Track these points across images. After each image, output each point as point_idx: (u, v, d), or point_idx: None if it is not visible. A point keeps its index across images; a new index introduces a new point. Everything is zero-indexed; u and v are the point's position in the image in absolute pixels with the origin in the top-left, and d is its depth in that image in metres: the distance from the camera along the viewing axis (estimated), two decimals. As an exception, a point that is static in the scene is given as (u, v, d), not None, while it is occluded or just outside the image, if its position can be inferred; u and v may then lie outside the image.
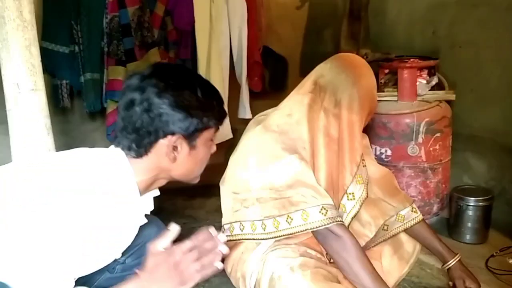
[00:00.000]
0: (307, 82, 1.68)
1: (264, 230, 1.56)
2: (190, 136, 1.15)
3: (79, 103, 2.77)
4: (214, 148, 1.29)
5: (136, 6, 2.57)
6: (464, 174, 2.55)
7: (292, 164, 1.53)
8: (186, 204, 2.75)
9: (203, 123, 1.15)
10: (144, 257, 1.35)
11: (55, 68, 2.50)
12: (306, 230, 1.48)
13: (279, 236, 1.53)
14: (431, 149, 2.21)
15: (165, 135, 1.11)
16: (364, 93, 1.62)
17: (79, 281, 1.13)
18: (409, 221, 1.71)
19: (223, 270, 1.71)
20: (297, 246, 1.59)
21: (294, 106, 1.64)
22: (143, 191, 1.19)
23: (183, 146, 1.15)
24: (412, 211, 1.73)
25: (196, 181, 1.29)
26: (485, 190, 2.23)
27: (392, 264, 1.73)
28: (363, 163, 1.68)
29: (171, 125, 1.10)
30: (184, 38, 2.84)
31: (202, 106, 1.14)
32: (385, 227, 1.72)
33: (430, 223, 2.32)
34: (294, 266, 1.48)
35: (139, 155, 1.13)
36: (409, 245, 1.79)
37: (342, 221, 1.52)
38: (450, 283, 1.68)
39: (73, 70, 2.53)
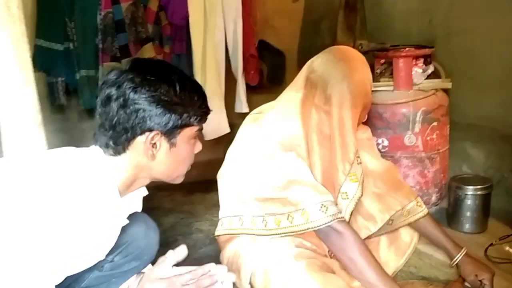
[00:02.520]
0: (300, 77, 1.65)
1: (265, 226, 1.54)
2: (169, 133, 1.11)
3: (77, 101, 2.77)
4: (199, 147, 1.23)
5: (130, 2, 2.59)
6: (463, 163, 2.52)
7: (289, 162, 1.51)
8: (185, 200, 2.75)
9: (183, 119, 1.11)
10: (132, 255, 1.36)
11: (50, 65, 2.53)
12: (307, 229, 1.46)
13: (280, 234, 1.51)
14: (428, 138, 2.19)
15: (142, 132, 1.08)
16: (356, 89, 1.57)
17: (67, 280, 1.13)
18: (413, 216, 1.70)
19: (220, 263, 1.72)
20: (292, 237, 1.57)
21: (288, 103, 1.61)
22: (124, 190, 1.15)
23: (162, 143, 1.12)
24: (417, 205, 1.72)
25: (179, 181, 1.25)
26: (484, 179, 2.20)
27: (389, 255, 1.73)
28: (357, 160, 1.63)
29: (148, 121, 1.07)
30: (178, 33, 2.83)
31: (181, 101, 1.10)
32: (390, 222, 1.70)
33: (429, 213, 2.32)
34: (289, 257, 1.48)
35: (117, 152, 1.10)
36: (407, 235, 1.78)
37: (343, 217, 1.50)
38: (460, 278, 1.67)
39: (68, 67, 2.56)
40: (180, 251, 1.17)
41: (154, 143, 1.10)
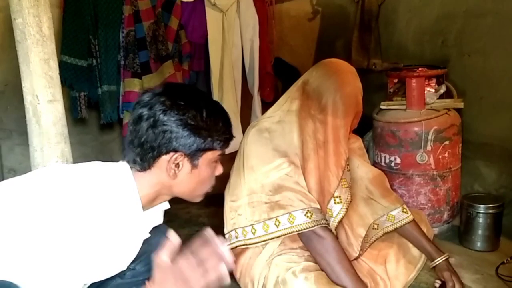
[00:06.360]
0: (294, 89, 1.75)
1: (254, 234, 1.62)
2: (192, 155, 1.16)
3: (97, 115, 2.86)
4: (220, 170, 1.29)
5: (151, 21, 2.67)
6: (475, 181, 2.55)
7: (281, 168, 1.60)
8: (200, 213, 2.80)
9: (207, 143, 1.17)
10: (152, 266, 1.41)
11: (73, 80, 2.58)
12: (292, 232, 1.55)
13: (269, 239, 1.60)
14: (440, 157, 2.23)
15: (167, 152, 1.14)
16: (349, 99, 1.68)
17: (91, 287, 1.19)
18: (399, 221, 1.76)
19: (233, 276, 1.77)
20: (302, 250, 1.64)
21: (284, 112, 1.71)
22: (147, 205, 1.21)
23: (185, 164, 1.17)
24: (402, 211, 1.78)
25: (198, 200, 1.30)
26: (496, 198, 2.23)
27: (398, 269, 1.77)
28: (347, 167, 1.74)
29: (174, 142, 1.13)
30: (197, 51, 2.92)
31: (206, 126, 1.16)
32: (375, 226, 1.77)
33: (440, 231, 2.34)
34: (297, 270, 1.54)
35: (143, 168, 1.17)
36: (416, 250, 1.81)
37: (326, 224, 1.58)
38: (437, 282, 1.74)
39: (91, 82, 2.62)
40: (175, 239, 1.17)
41: (177, 163, 1.16)
